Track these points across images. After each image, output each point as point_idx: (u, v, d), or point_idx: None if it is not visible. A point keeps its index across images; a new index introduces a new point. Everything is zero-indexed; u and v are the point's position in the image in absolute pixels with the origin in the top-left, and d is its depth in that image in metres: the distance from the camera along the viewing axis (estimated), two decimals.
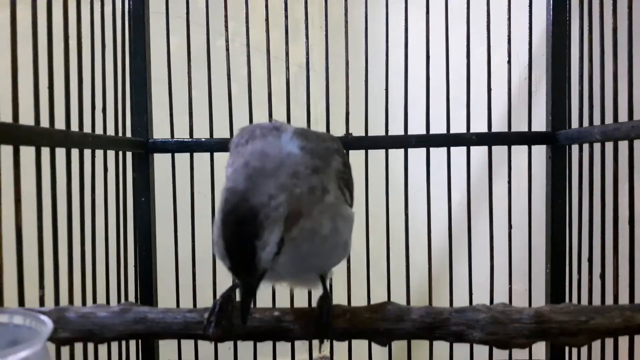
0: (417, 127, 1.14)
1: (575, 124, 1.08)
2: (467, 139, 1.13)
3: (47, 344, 0.47)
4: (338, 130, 1.16)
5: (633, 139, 0.88)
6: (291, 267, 0.67)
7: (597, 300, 0.95)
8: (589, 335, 0.66)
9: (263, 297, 1.05)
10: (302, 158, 0.66)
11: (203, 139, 1.15)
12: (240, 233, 0.58)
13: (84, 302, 0.93)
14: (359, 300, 0.96)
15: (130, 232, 1.12)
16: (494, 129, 1.14)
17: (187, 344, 1.04)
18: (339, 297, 0.93)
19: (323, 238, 0.66)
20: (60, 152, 0.86)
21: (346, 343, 1.05)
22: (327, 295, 0.74)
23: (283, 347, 1.00)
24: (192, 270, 1.15)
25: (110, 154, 1.04)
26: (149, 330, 0.71)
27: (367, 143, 1.14)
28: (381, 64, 1.15)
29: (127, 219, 1.10)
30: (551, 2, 1.12)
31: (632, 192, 0.89)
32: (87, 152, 0.96)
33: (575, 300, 1.05)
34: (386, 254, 1.14)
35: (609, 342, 0.92)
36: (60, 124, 0.87)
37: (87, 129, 0.97)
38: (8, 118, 0.75)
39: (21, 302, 0.77)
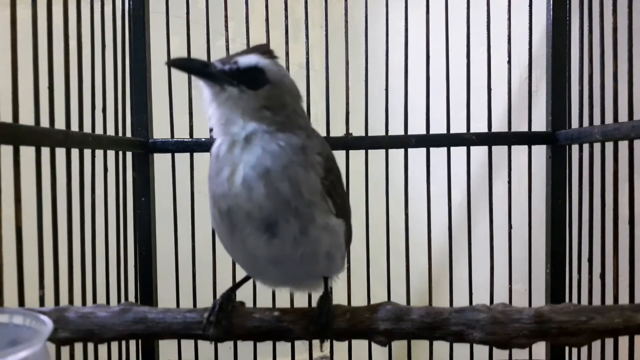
0: (417, 127, 1.14)
1: (575, 124, 1.08)
2: (467, 139, 1.13)
3: (47, 344, 0.47)
4: (338, 130, 1.16)
5: (633, 139, 0.88)
6: (279, 271, 0.71)
7: (597, 300, 0.95)
8: (589, 335, 0.67)
9: (263, 297, 1.06)
10: None
11: (203, 139, 1.15)
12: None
13: (84, 302, 0.93)
14: (359, 300, 0.96)
15: (130, 232, 1.12)
16: (494, 129, 1.14)
17: (187, 344, 1.04)
18: (339, 297, 0.93)
19: (289, 236, 0.67)
20: (60, 152, 0.86)
21: (346, 343, 1.05)
22: (327, 296, 0.74)
23: (283, 347, 1.00)
24: (192, 270, 1.16)
25: (110, 154, 1.04)
26: (149, 330, 0.71)
27: (367, 143, 1.14)
28: (381, 64, 1.15)
29: (127, 219, 1.10)
30: (551, 2, 1.12)
31: (632, 192, 0.89)
32: (87, 152, 0.96)
33: (575, 300, 1.05)
34: (386, 254, 1.14)
35: (609, 342, 0.92)
36: (60, 124, 0.87)
37: (87, 129, 0.97)
38: (8, 118, 0.75)
39: (21, 302, 0.77)
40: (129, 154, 1.13)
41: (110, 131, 1.06)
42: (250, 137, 0.67)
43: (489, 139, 1.14)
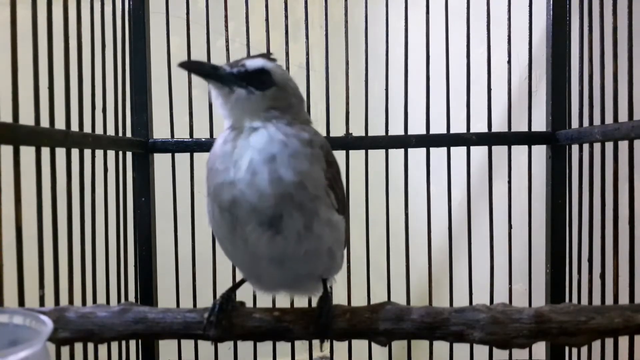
0: (417, 127, 1.14)
1: (575, 124, 1.08)
2: (467, 139, 1.13)
3: (47, 344, 0.47)
4: (338, 130, 1.16)
5: (633, 139, 0.88)
6: (279, 271, 0.70)
7: (597, 300, 0.95)
8: (589, 335, 0.67)
9: (263, 297, 1.05)
10: None
11: (203, 139, 1.15)
12: None
13: (84, 302, 0.93)
14: (359, 300, 0.96)
15: (130, 232, 1.12)
16: (494, 129, 1.14)
17: (187, 344, 1.04)
18: (339, 297, 0.93)
19: (293, 231, 0.67)
20: (60, 152, 0.86)
21: (346, 343, 1.05)
22: (327, 296, 0.74)
23: (283, 347, 1.00)
24: (192, 270, 1.16)
25: (110, 154, 1.04)
26: (149, 330, 0.71)
27: (367, 143, 1.14)
28: (381, 64, 1.15)
29: (127, 219, 1.10)
30: (551, 2, 1.12)
31: (632, 192, 0.89)
32: (87, 152, 0.96)
33: (575, 300, 1.05)
34: (386, 254, 1.14)
35: (609, 342, 0.92)
36: (60, 124, 0.87)
37: (87, 129, 0.97)
38: (8, 118, 0.75)
39: (21, 302, 0.77)
40: (129, 154, 1.13)
41: (110, 131, 1.06)
42: (259, 128, 0.69)
43: (489, 139, 1.14)
